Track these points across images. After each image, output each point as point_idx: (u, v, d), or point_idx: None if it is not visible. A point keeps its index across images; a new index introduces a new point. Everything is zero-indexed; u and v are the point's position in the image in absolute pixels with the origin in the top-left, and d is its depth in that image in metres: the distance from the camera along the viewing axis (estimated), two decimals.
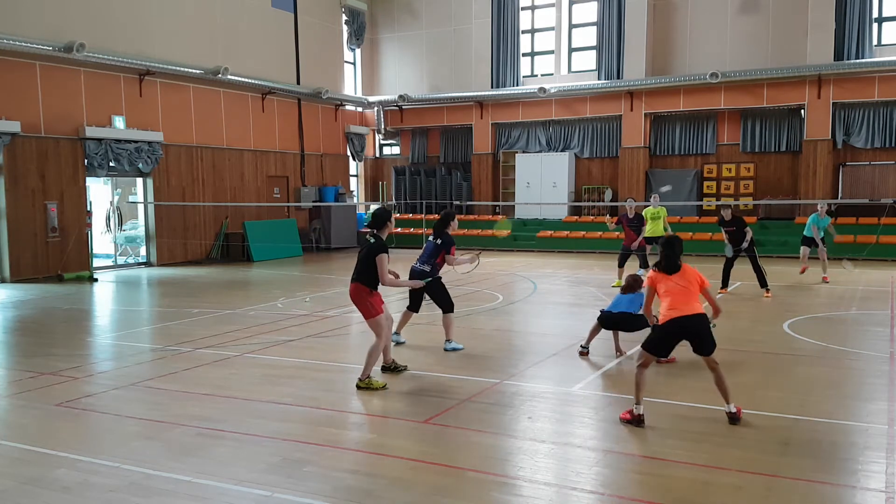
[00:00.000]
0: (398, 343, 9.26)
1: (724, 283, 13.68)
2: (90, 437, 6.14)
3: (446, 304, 9.05)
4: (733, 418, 6.14)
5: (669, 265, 6.41)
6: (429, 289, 9.00)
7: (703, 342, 6.24)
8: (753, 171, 22.75)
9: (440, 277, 9.08)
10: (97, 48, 17.43)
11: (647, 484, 4.96)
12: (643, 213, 15.27)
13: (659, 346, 6.31)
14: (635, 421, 6.12)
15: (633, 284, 8.80)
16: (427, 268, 8.97)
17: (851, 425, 6.14)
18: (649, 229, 15.14)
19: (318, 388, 7.45)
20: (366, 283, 7.35)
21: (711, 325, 6.38)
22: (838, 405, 6.77)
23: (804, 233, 15.58)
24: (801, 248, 15.70)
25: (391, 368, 7.91)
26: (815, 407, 6.65)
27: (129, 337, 10.40)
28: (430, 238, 9.24)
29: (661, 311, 6.32)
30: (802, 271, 15.74)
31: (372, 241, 7.42)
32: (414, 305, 9.36)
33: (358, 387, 7.27)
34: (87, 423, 6.49)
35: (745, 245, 13.34)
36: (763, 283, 13.34)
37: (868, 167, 21.49)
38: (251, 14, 22.47)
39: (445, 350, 8.98)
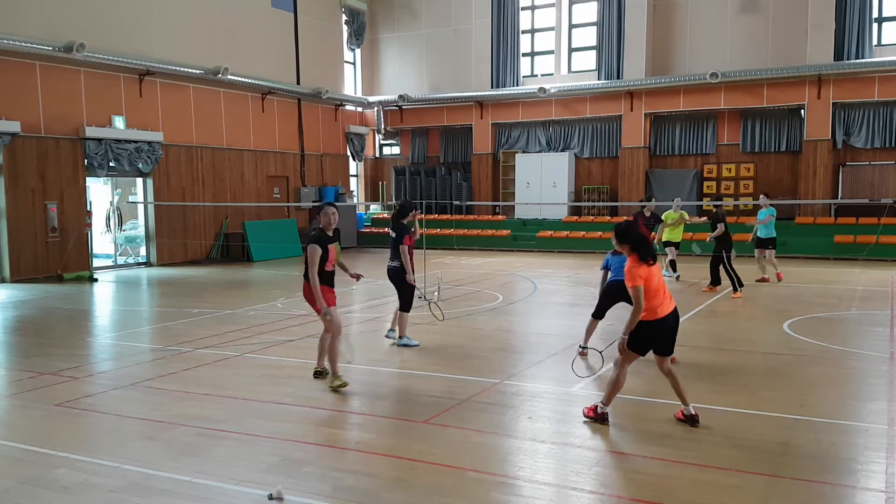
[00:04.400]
0: (390, 338, 9.42)
1: (715, 282, 13.84)
2: (90, 437, 6.14)
3: (405, 303, 9.22)
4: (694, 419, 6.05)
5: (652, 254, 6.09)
6: (394, 282, 9.25)
7: (673, 341, 6.17)
8: (753, 171, 22.75)
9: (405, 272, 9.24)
10: (97, 48, 17.43)
11: (647, 484, 4.96)
12: (664, 216, 15.17)
13: (647, 344, 6.03)
14: (600, 419, 6.13)
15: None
16: (396, 263, 9.16)
17: (851, 425, 6.14)
18: (672, 233, 15.07)
19: (318, 388, 7.44)
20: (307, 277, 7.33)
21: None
22: (838, 405, 6.77)
23: (758, 234, 14.76)
24: (756, 250, 14.89)
25: (323, 373, 7.73)
26: (815, 407, 6.65)
27: (129, 337, 10.40)
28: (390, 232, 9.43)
29: (651, 306, 5.95)
30: (765, 279, 14.91)
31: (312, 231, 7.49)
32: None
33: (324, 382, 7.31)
34: (87, 423, 6.49)
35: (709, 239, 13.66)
36: (715, 281, 13.78)
37: (868, 167, 21.49)
38: (251, 14, 22.47)
39: (398, 345, 9.20)
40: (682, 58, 23.29)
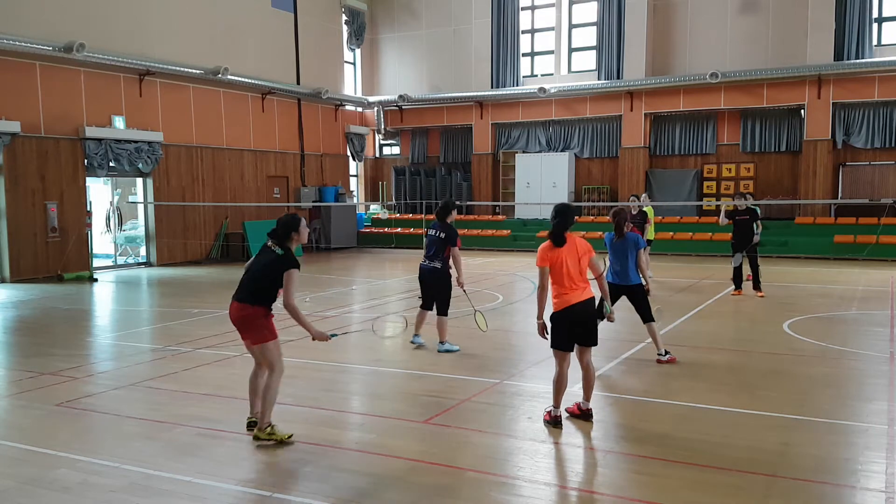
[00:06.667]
0: (419, 345, 9.15)
1: (738, 285, 13.50)
2: (90, 437, 6.14)
3: (443, 306, 9.01)
4: (587, 414, 6.18)
5: (560, 235, 6.11)
6: (433, 286, 8.98)
7: (591, 332, 6.08)
8: (753, 171, 22.75)
9: (448, 275, 8.98)
10: (97, 48, 17.42)
11: (647, 484, 4.96)
12: (648, 211, 15.10)
13: (565, 336, 6.01)
14: (553, 422, 6.03)
15: (620, 223, 8.39)
16: (438, 264, 8.88)
17: (851, 425, 6.14)
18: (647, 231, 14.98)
19: (318, 388, 7.44)
20: (262, 301, 6.02)
21: (605, 311, 6.30)
22: (838, 405, 6.77)
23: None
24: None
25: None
26: (815, 407, 6.65)
27: (129, 337, 10.39)
28: (431, 232, 8.99)
29: (556, 293, 6.04)
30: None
31: (279, 251, 5.86)
32: (427, 304, 9.19)
33: (257, 438, 5.74)
34: (87, 423, 6.49)
35: (756, 240, 13.13)
36: (757, 283, 13.30)
37: (868, 167, 21.50)
38: (251, 14, 22.47)
39: (439, 351, 8.95)
40: (682, 58, 23.29)
